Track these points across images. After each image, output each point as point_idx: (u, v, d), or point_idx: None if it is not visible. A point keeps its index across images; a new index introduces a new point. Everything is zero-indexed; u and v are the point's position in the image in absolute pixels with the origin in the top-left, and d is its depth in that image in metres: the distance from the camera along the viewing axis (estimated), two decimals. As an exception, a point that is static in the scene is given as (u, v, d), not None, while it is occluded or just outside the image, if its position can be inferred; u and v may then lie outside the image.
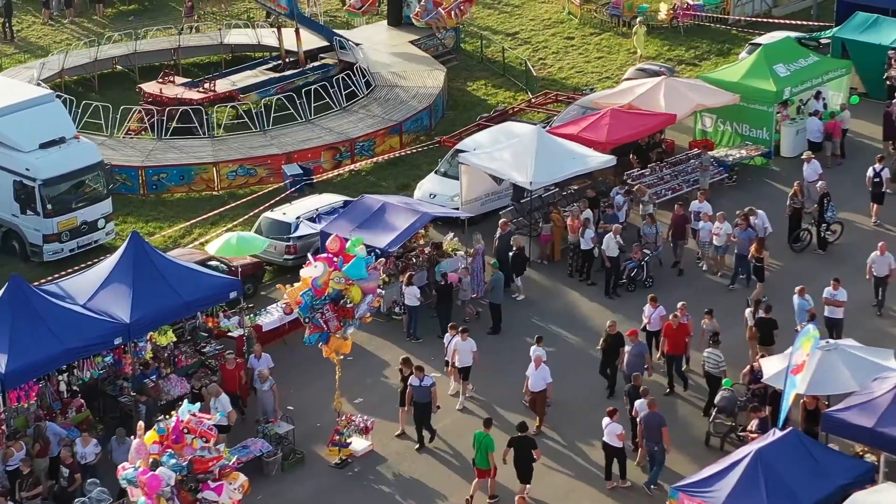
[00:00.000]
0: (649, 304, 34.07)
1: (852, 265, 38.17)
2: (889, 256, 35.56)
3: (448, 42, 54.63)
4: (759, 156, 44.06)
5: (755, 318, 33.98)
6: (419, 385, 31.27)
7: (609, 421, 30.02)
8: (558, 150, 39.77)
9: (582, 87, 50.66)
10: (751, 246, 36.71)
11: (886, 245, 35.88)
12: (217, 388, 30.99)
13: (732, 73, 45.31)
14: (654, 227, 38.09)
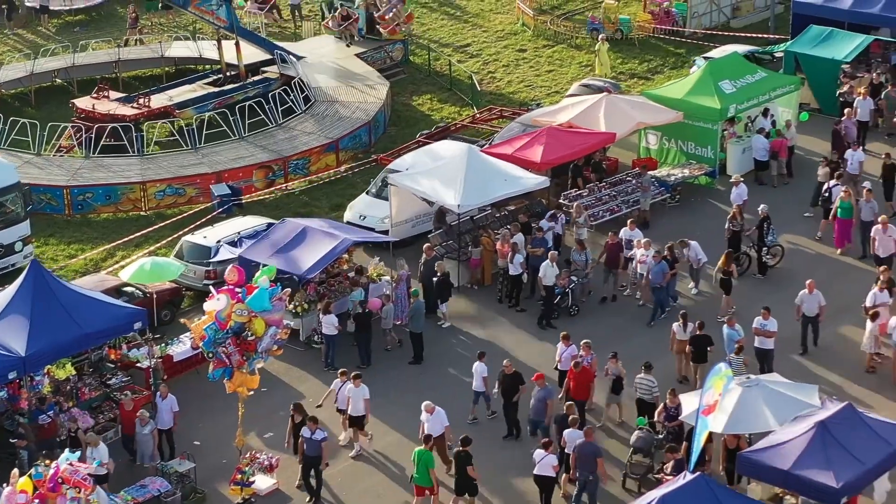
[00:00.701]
0: (561, 341, 32.65)
1: (793, 291, 36.84)
2: (818, 294, 33.92)
3: (396, 55, 53.41)
4: (704, 175, 42.78)
5: (689, 335, 33.18)
6: (310, 438, 29.77)
7: (544, 453, 28.99)
8: (490, 171, 38.48)
9: (528, 102, 49.40)
10: (664, 280, 35.38)
11: (815, 283, 34.21)
12: (96, 438, 29.66)
13: (677, 89, 44.02)
14: (583, 254, 36.77)
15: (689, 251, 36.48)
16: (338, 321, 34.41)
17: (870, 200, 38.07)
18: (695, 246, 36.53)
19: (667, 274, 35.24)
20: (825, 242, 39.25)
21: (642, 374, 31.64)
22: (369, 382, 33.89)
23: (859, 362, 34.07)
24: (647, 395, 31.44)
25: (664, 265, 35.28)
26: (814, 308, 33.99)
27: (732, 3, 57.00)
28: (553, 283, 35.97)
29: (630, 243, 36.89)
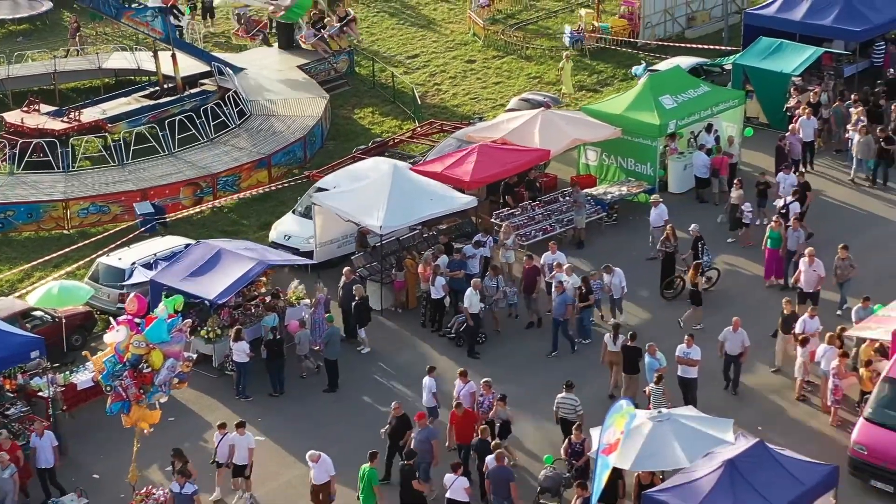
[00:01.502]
0: (459, 378, 31.24)
1: (729, 315, 35.69)
2: (742, 333, 32.24)
3: (341, 66, 52.26)
4: (643, 192, 41.59)
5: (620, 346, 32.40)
6: (180, 493, 28.24)
7: (454, 476, 27.98)
8: (415, 191, 37.32)
9: (471, 115, 48.25)
10: (566, 313, 34.10)
11: (741, 321, 32.62)
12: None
13: (616, 104, 42.85)
14: (495, 280, 35.38)
15: (614, 277, 35.22)
16: (249, 348, 33.26)
17: (797, 229, 36.65)
18: (619, 273, 35.21)
19: (569, 306, 33.95)
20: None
21: (564, 393, 30.65)
22: (281, 411, 32.93)
23: (790, 390, 32.97)
24: (571, 413, 30.45)
25: (566, 296, 33.98)
26: (737, 347, 32.39)
27: (687, 14, 55.87)
28: (478, 310, 34.79)
29: (552, 268, 35.67)
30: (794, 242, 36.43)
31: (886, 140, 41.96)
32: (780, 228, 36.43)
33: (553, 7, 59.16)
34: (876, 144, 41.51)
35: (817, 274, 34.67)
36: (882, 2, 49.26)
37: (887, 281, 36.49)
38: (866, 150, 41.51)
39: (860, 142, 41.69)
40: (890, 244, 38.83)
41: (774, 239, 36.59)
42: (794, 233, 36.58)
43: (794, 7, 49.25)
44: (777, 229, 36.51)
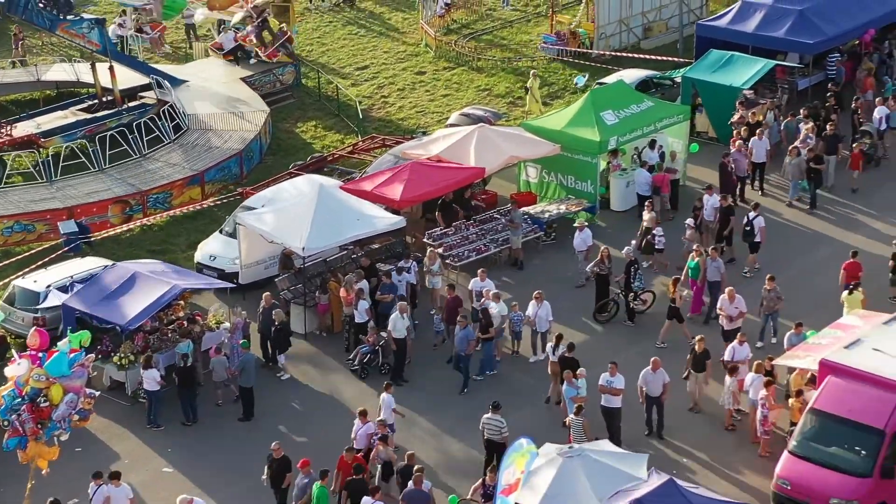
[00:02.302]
0: (358, 418, 30.04)
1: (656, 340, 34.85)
2: (662, 373, 30.83)
3: (287, 78, 51.17)
4: (583, 211, 40.49)
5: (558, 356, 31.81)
6: None
7: (371, 500, 27.14)
8: (342, 211, 36.21)
9: (414, 130, 47.16)
10: (469, 348, 32.69)
11: (661, 361, 31.15)
12: None
13: (556, 120, 41.77)
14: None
15: (540, 309, 33.72)
16: (160, 375, 32.19)
17: (715, 259, 35.12)
18: (546, 306, 33.68)
19: (472, 341, 32.60)
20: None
21: (489, 413, 29.85)
22: (193, 441, 31.88)
23: (719, 419, 31.89)
24: (496, 435, 29.66)
25: (469, 331, 32.66)
26: (657, 388, 30.90)
27: (644, 24, 54.79)
28: (404, 335, 33.69)
29: (479, 295, 34.52)
30: (714, 273, 34.99)
31: (815, 160, 40.66)
32: (699, 257, 35.17)
33: (510, 17, 58.06)
34: (806, 164, 40.31)
35: (739, 310, 33.22)
36: (837, 13, 48.17)
37: (827, 305, 35.39)
38: (797, 171, 40.32)
39: (790, 163, 40.51)
40: (834, 265, 37.66)
41: (693, 269, 35.19)
42: (712, 263, 35.07)
43: (746, 19, 48.17)
44: (696, 259, 35.22)
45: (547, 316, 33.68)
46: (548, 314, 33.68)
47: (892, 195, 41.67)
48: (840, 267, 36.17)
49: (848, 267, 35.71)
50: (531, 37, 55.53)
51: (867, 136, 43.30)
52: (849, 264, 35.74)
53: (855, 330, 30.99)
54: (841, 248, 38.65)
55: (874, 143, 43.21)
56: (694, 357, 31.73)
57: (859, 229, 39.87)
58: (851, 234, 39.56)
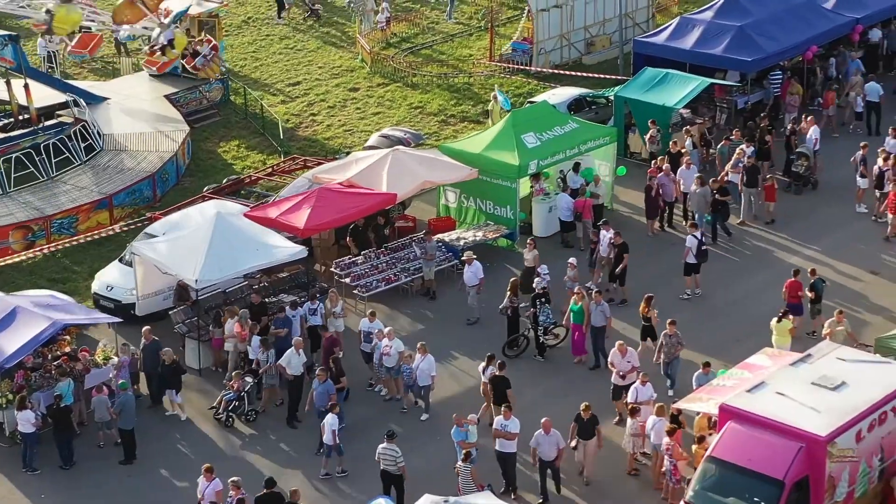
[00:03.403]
0: (203, 475, 28.33)
1: (569, 376, 33.28)
2: (556, 435, 28.66)
3: (214, 95, 49.61)
4: (502, 237, 38.98)
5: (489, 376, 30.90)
6: None
7: None
8: (240, 240, 34.62)
9: (338, 150, 45.62)
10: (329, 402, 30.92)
11: (552, 422, 29.08)
12: None
13: (476, 142, 40.20)
14: (266, 354, 32.24)
15: (423, 361, 31.57)
16: (39, 416, 30.64)
17: (599, 303, 33.20)
18: (430, 360, 31.68)
19: (333, 395, 30.69)
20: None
21: (385, 443, 28.67)
22: (70, 486, 30.36)
23: (621, 463, 30.35)
24: (392, 465, 28.52)
25: (329, 385, 30.57)
26: (552, 451, 28.72)
27: (586, 38, 53.24)
28: (299, 372, 32.11)
29: (369, 336, 32.94)
30: (599, 317, 33.12)
31: (720, 191, 38.80)
32: (582, 301, 33.46)
33: (453, 30, 56.54)
34: (712, 196, 38.63)
35: (632, 364, 31.22)
36: (778, 30, 46.70)
37: (746, 339, 33.90)
38: (702, 202, 38.65)
39: (696, 193, 38.82)
40: (766, 292, 36.18)
41: (576, 313, 33.30)
42: (596, 307, 33.09)
43: (684, 35, 46.73)
44: (579, 302, 33.34)
45: (430, 370, 31.63)
46: (430, 368, 31.64)
47: (824, 219, 40.15)
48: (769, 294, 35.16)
49: (789, 286, 34.46)
50: (472, 51, 54.01)
51: (803, 158, 41.76)
52: (790, 283, 34.46)
53: (762, 371, 29.45)
54: (772, 274, 37.24)
55: (810, 165, 41.67)
56: (580, 424, 29.46)
57: (791, 255, 38.36)
58: (780, 262, 38.09)
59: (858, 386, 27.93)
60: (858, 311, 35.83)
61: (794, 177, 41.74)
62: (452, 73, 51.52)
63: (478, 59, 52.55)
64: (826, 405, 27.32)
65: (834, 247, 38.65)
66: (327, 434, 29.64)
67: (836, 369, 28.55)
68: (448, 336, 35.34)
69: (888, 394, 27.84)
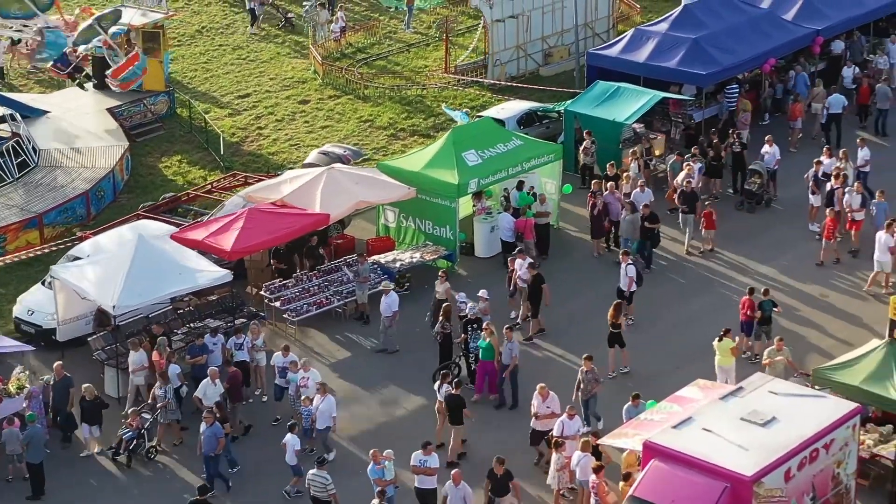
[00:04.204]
0: None
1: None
2: (465, 488, 27.14)
3: (159, 108, 48.39)
4: (440, 258, 37.79)
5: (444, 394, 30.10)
6: None
7: None
8: (162, 264, 33.46)
9: (281, 165, 44.39)
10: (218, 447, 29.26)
11: (462, 473, 27.54)
12: None
13: (415, 160, 38.99)
14: (164, 389, 30.91)
15: (322, 402, 29.98)
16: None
17: (511, 340, 31.66)
18: (330, 400, 30.14)
19: (221, 439, 29.35)
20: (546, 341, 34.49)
21: (315, 469, 27.86)
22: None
23: (547, 499, 29.18)
24: (322, 492, 27.80)
25: (217, 428, 29.17)
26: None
27: (544, 49, 52.06)
28: (213, 402, 30.85)
29: (284, 370, 31.57)
30: (508, 355, 31.67)
31: (649, 218, 37.32)
32: (491, 337, 32.16)
33: (411, 40, 55.36)
34: (641, 223, 37.35)
35: (551, 410, 29.53)
36: (734, 42, 45.51)
37: (686, 366, 32.80)
38: (631, 228, 37.40)
39: (625, 219, 37.58)
40: (706, 320, 35.02)
41: (484, 349, 31.83)
42: (507, 344, 31.61)
43: (638, 47, 45.50)
44: (488, 338, 31.88)
45: (329, 411, 30.12)
46: (331, 409, 30.14)
47: (776, 238, 38.98)
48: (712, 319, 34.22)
49: (743, 304, 33.51)
50: (428, 62, 52.83)
51: (756, 176, 40.56)
52: (745, 301, 33.51)
53: (692, 404, 28.28)
54: (717, 297, 36.19)
55: (763, 183, 40.46)
56: (493, 480, 27.88)
57: (740, 276, 37.23)
58: (726, 284, 36.98)
59: (790, 421, 26.82)
60: (805, 335, 34.75)
61: (747, 194, 40.56)
62: (405, 85, 50.33)
63: (432, 71, 51.33)
64: (754, 442, 26.21)
65: (785, 268, 37.53)
66: (289, 453, 28.86)
67: (767, 403, 27.43)
68: (379, 363, 34.20)
69: (820, 430, 26.73)
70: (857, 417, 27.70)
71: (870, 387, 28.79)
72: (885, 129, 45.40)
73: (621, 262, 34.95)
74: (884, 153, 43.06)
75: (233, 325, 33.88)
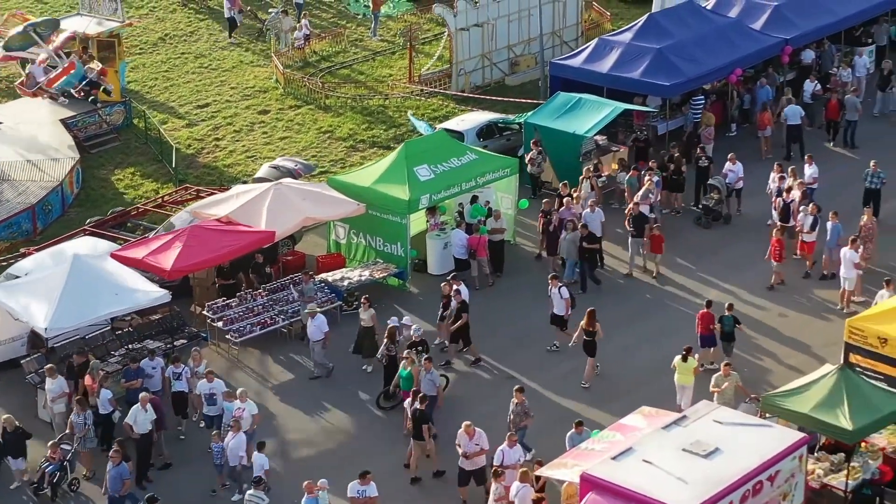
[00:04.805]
0: None
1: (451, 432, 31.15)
2: None
3: (115, 119, 47.40)
4: (391, 276, 36.84)
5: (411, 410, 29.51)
6: None
7: None
8: (98, 284, 32.49)
9: (236, 178, 43.38)
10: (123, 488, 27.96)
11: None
12: None
13: (366, 175, 38.02)
14: (81, 416, 29.67)
15: (233, 440, 28.78)
16: None
17: (430, 370, 30.51)
18: (241, 437, 28.95)
19: (127, 480, 28.13)
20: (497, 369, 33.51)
21: (252, 489, 27.55)
22: None
23: (490, 531, 28.25)
24: None
25: (123, 468, 27.93)
26: None
27: (510, 58, 51.09)
28: (147, 430, 29.85)
29: (212, 398, 30.45)
30: (429, 386, 30.46)
31: (587, 238, 36.15)
32: (411, 365, 31.08)
33: (378, 47, 54.37)
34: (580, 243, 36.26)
35: (480, 447, 28.35)
36: (699, 52, 44.56)
37: (636, 390, 31.88)
38: (571, 248, 36.35)
39: (565, 238, 36.51)
40: (658, 342, 34.10)
41: (405, 379, 30.72)
42: (426, 375, 30.47)
43: (601, 58, 44.54)
44: (408, 367, 30.77)
45: (238, 449, 28.90)
46: (240, 446, 28.94)
47: (734, 255, 38.00)
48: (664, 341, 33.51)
49: (702, 317, 32.71)
50: (392, 71, 51.86)
51: (714, 191, 39.61)
52: (702, 314, 32.70)
53: (635, 433, 27.32)
54: (669, 318, 35.24)
55: (721, 199, 39.49)
56: None
57: (693, 296, 36.24)
58: (679, 304, 36.04)
59: (733, 452, 25.88)
60: (760, 357, 33.81)
61: (705, 210, 39.60)
62: (367, 95, 49.35)
63: (395, 80, 50.36)
64: (695, 474, 25.27)
65: (742, 286, 36.51)
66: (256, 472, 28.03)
67: (711, 433, 26.49)
68: (321, 386, 33.23)
69: (765, 461, 25.81)
70: (804, 448, 26.81)
71: (820, 414, 27.77)
72: (853, 140, 44.48)
73: (551, 287, 33.63)
74: (854, 165, 42.07)
75: (172, 348, 32.99)
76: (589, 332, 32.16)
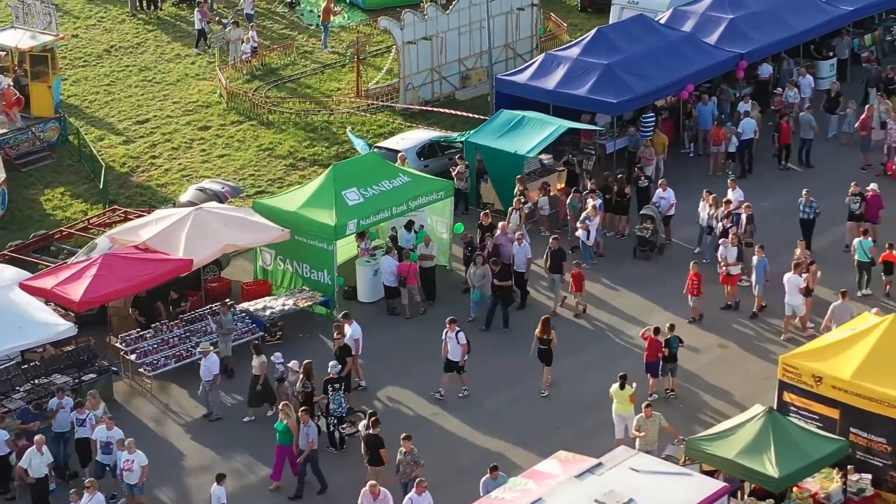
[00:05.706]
0: None
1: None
2: None
3: (49, 135, 45.90)
4: (318, 304, 35.38)
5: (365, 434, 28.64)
6: None
7: None
8: (2, 316, 31.00)
9: (165, 199, 41.91)
10: None
11: None
12: None
13: (292, 199, 36.54)
14: None
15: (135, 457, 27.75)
16: None
17: (307, 423, 28.71)
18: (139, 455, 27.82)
19: None
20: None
21: None
22: None
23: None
24: None
25: None
26: None
27: (461, 72, 49.61)
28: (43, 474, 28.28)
29: (108, 446, 28.73)
30: (304, 440, 28.76)
31: (498, 275, 34.47)
32: (287, 419, 28.87)
33: (328, 60, 52.90)
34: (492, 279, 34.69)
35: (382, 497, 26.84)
36: (649, 67, 43.12)
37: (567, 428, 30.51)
38: (486, 284, 34.80)
39: (474, 273, 34.87)
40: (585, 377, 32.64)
41: (281, 432, 28.86)
42: (303, 427, 28.71)
43: (548, 73, 43.08)
44: (284, 420, 28.80)
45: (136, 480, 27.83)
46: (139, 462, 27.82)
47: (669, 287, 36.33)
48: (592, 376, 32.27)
49: (650, 343, 31.56)
50: (341, 85, 50.39)
51: (647, 221, 37.93)
52: (650, 341, 31.55)
53: (548, 481, 25.85)
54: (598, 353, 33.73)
55: (655, 229, 37.88)
56: None
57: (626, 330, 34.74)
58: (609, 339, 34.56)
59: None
60: (697, 391, 32.33)
61: (640, 241, 37.94)
62: (312, 111, 47.86)
63: (342, 95, 48.87)
64: (606, 529, 23.89)
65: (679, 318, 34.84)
66: None
67: (626, 483, 25.15)
68: (234, 425, 31.69)
69: (682, 513, 24.42)
70: (725, 497, 25.40)
71: (745, 461, 26.33)
72: (808, 159, 43.04)
73: (447, 331, 31.68)
74: (809, 184, 40.50)
75: (80, 383, 31.52)
76: (544, 341, 31.37)
